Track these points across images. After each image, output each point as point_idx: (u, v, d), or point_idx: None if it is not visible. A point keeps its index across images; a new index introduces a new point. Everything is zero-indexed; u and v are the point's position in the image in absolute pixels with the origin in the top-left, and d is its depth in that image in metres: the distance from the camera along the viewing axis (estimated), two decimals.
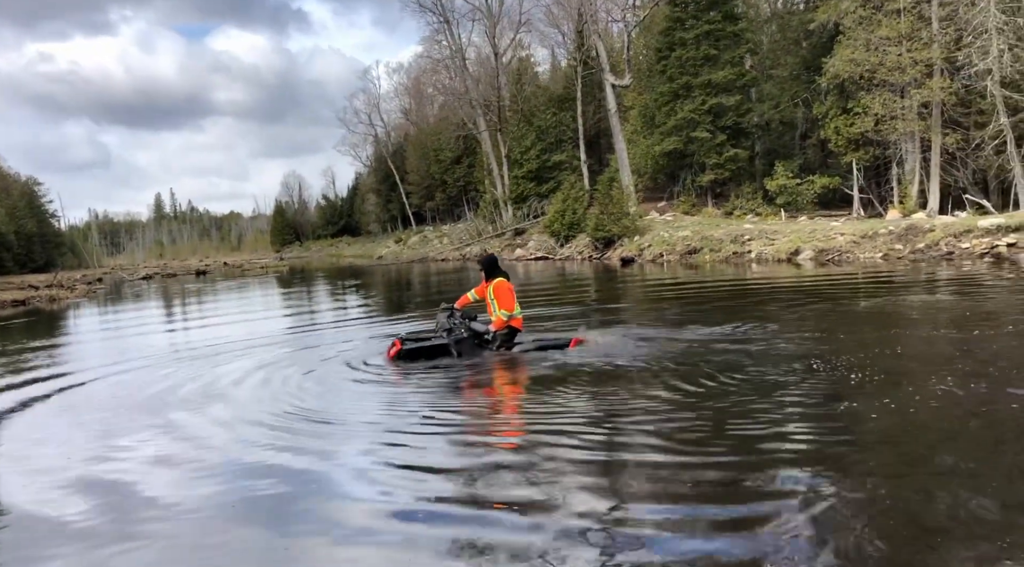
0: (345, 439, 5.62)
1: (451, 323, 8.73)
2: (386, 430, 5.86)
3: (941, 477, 4.00)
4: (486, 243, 46.43)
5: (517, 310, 8.92)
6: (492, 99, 49.50)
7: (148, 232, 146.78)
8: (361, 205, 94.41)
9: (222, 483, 4.73)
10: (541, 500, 4.00)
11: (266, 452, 5.29)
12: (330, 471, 4.84)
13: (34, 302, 34.43)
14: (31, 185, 73.66)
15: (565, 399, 6.39)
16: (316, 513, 4.10)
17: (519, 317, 9.02)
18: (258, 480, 4.73)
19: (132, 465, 5.27)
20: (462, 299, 9.27)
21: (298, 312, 19.36)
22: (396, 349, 8.51)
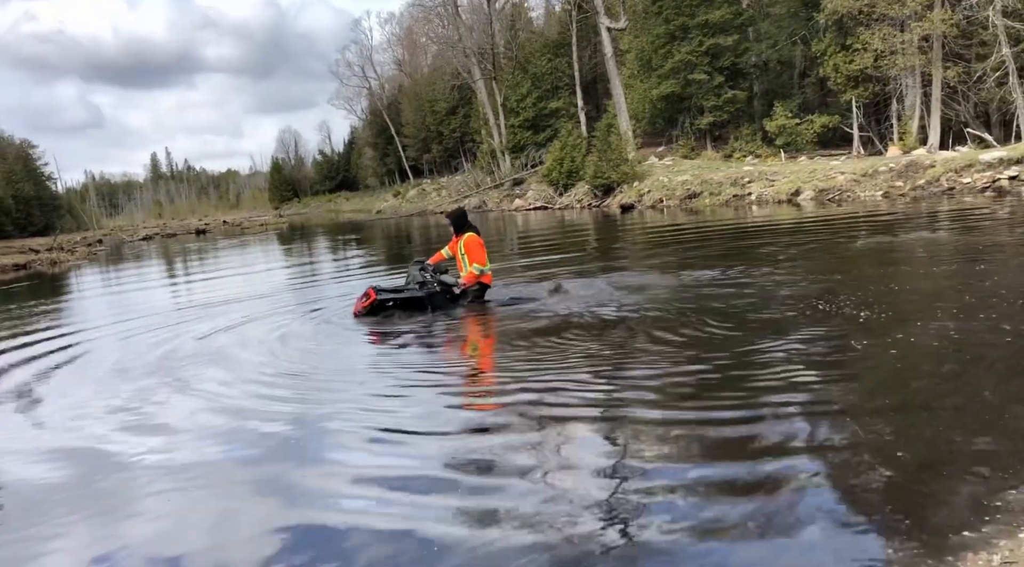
0: (338, 401, 5.44)
1: (423, 276, 8.54)
2: (375, 394, 5.58)
3: (946, 413, 4.02)
4: (484, 194, 46.18)
5: (488, 266, 8.76)
6: (486, 47, 48.71)
7: (146, 192, 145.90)
8: (358, 159, 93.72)
9: (215, 445, 4.75)
10: (542, 464, 3.79)
11: (261, 412, 5.28)
12: (315, 435, 4.74)
13: (35, 266, 34.44)
14: (26, 148, 72.93)
15: (554, 354, 6.14)
16: (307, 478, 4.04)
17: (488, 273, 8.85)
18: (253, 441, 4.78)
19: (130, 426, 5.29)
20: (435, 256, 9.03)
21: (299, 267, 19.38)
22: (370, 300, 8.32)
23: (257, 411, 5.29)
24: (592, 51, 45.61)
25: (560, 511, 3.21)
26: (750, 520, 3.02)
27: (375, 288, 8.47)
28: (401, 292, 8.47)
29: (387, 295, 8.42)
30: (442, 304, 8.47)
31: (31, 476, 4.49)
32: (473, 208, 44.16)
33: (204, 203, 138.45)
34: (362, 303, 8.41)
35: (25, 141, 74.57)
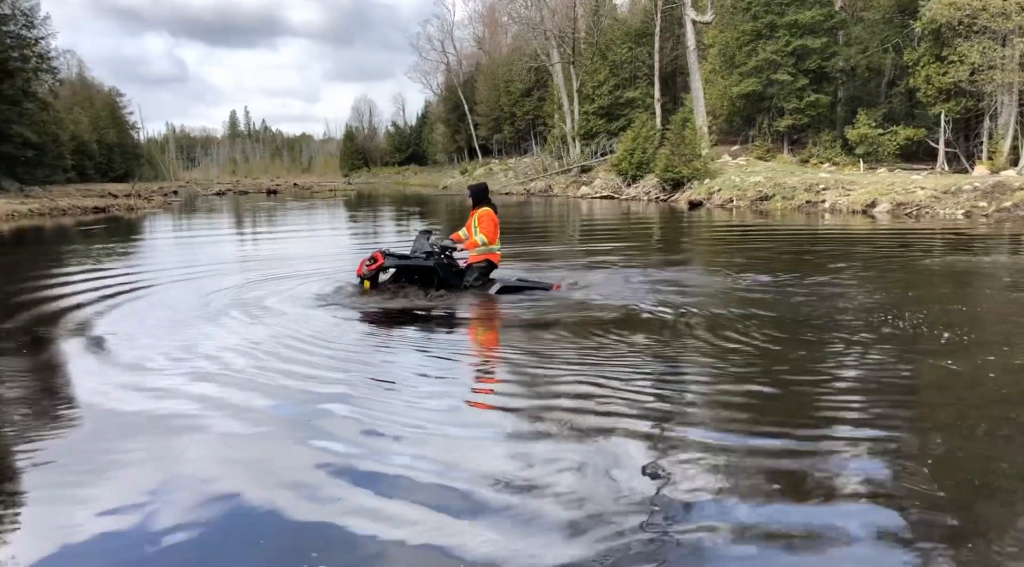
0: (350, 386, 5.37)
1: (430, 247, 8.36)
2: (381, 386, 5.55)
3: (1009, 441, 3.88)
4: (551, 179, 46.05)
5: (498, 245, 8.59)
6: (567, 30, 48.34)
7: (222, 149, 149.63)
8: (429, 134, 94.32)
9: (256, 400, 4.88)
10: (571, 486, 3.39)
11: (303, 375, 5.42)
12: (309, 419, 4.46)
13: (113, 210, 35.74)
14: (113, 96, 75.45)
15: (589, 353, 5.75)
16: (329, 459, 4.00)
17: (497, 252, 8.63)
18: (297, 397, 4.88)
19: (180, 370, 5.49)
20: (453, 235, 8.76)
21: (363, 233, 19.68)
22: (377, 264, 8.10)
23: (298, 375, 5.41)
24: (674, 43, 44.86)
25: (590, 552, 2.84)
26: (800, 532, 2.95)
27: (383, 252, 8.29)
28: (408, 260, 8.28)
29: (394, 261, 8.24)
30: (448, 277, 8.34)
31: (96, 408, 4.67)
32: (539, 192, 44.15)
33: (277, 164, 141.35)
34: (368, 266, 8.18)
35: (113, 89, 77.13)
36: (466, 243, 8.48)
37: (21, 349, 6.24)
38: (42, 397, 4.96)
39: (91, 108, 66.07)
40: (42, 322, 7.28)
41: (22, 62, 40.40)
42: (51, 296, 8.96)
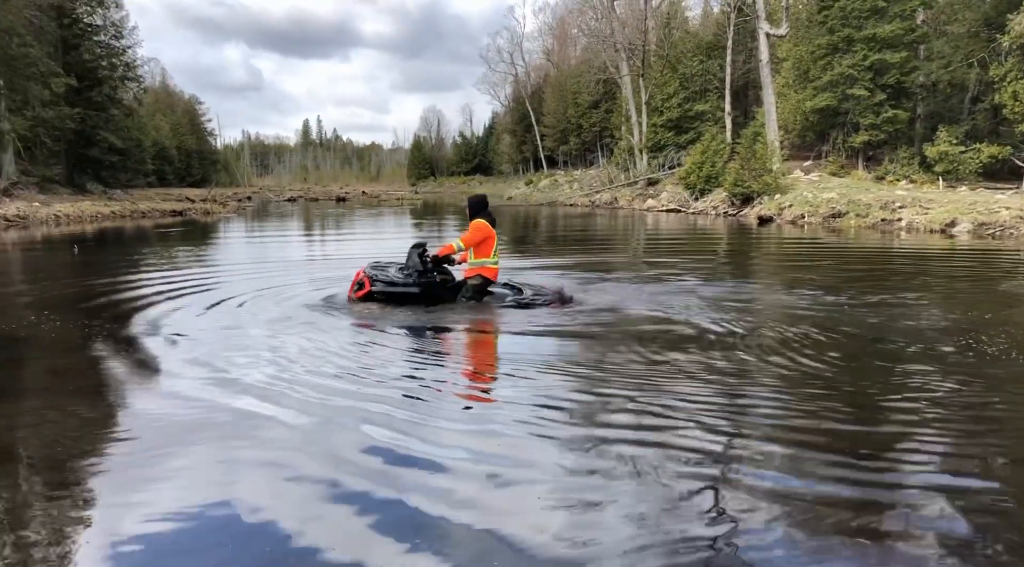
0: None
1: (422, 264, 8.17)
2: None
3: None
4: (617, 191, 45.82)
5: (492, 259, 8.34)
6: (637, 43, 48.12)
7: (295, 157, 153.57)
8: (496, 145, 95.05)
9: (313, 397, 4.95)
10: (631, 515, 3.11)
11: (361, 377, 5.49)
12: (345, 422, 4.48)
13: (190, 214, 36.99)
14: (193, 103, 78.34)
15: (634, 372, 5.45)
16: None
17: (492, 265, 8.36)
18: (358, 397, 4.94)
19: (243, 369, 5.61)
20: (445, 248, 8.40)
21: (425, 239, 19.90)
22: (364, 291, 8.11)
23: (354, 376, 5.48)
24: (747, 56, 44.24)
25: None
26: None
27: (371, 278, 8.17)
28: (395, 286, 8.11)
29: (381, 287, 8.10)
30: (442, 295, 8.22)
31: (159, 403, 4.82)
32: (604, 204, 43.97)
33: (346, 172, 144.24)
34: (356, 293, 8.19)
35: (193, 97, 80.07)
36: (441, 249, 8.29)
37: (94, 344, 6.46)
38: (110, 393, 5.12)
39: (172, 115, 68.74)
40: (117, 319, 7.55)
41: (110, 70, 42.25)
42: (126, 294, 9.30)
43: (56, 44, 37.58)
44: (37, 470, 3.64)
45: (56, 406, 4.74)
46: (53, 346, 6.42)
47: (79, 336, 6.74)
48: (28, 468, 3.68)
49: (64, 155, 40.16)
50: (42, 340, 6.63)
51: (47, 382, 5.50)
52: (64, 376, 5.60)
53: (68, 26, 39.34)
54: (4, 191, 31.76)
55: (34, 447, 3.99)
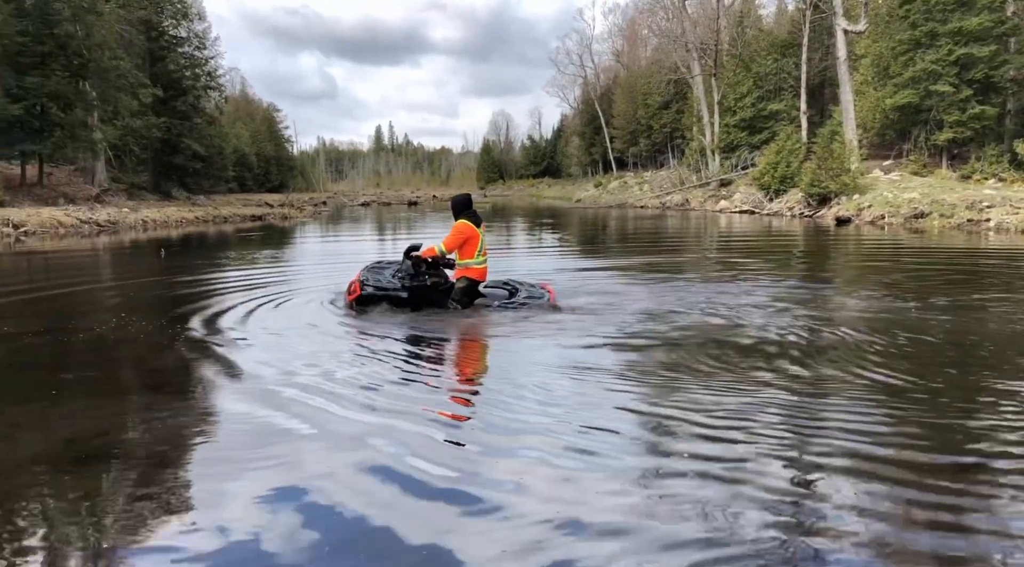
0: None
1: (414, 267, 8.11)
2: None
3: None
4: (688, 192, 45.25)
5: (478, 258, 8.15)
6: (709, 42, 47.43)
7: (367, 162, 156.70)
8: (564, 147, 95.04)
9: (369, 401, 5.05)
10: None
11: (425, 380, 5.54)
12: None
13: (268, 218, 38.12)
14: (271, 111, 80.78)
15: (705, 379, 5.21)
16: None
17: (477, 267, 8.17)
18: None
19: (328, 374, 5.75)
20: (427, 250, 8.31)
21: (495, 242, 20.04)
22: (355, 295, 8.14)
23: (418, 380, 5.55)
24: (823, 53, 43.09)
25: None
26: None
27: (361, 282, 8.20)
28: (385, 290, 8.10)
29: (370, 291, 8.11)
30: (433, 298, 8.11)
31: (234, 403, 5.00)
32: (675, 205, 43.47)
33: (417, 177, 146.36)
34: (349, 297, 8.28)
35: (271, 105, 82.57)
36: (424, 251, 8.13)
37: (179, 344, 6.72)
38: (194, 393, 5.31)
39: (251, 123, 70.97)
40: (201, 319, 7.83)
41: (194, 80, 43.99)
42: (210, 296, 9.64)
43: (144, 56, 39.29)
44: (125, 464, 3.82)
45: (144, 405, 4.97)
46: (141, 346, 6.72)
47: (165, 336, 7.04)
48: (116, 462, 3.87)
49: (151, 162, 41.95)
50: (131, 340, 6.93)
51: (135, 381, 5.76)
52: (151, 375, 5.86)
53: (155, 39, 41.11)
54: (96, 197, 33.34)
55: (123, 443, 4.18)
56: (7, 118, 27.58)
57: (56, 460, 3.82)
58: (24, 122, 29.02)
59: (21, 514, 3.18)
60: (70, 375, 5.77)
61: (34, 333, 7.32)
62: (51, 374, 5.82)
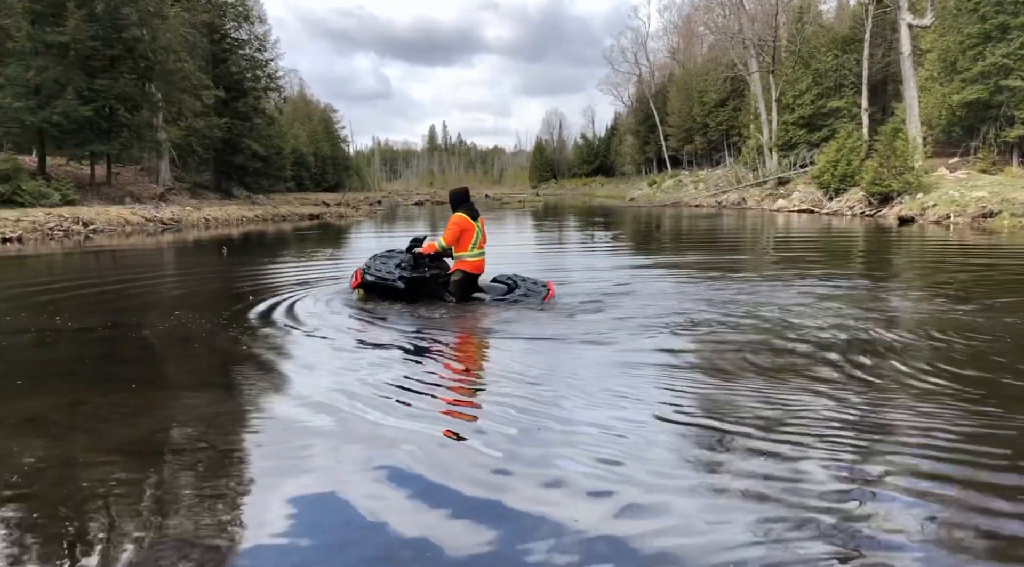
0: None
1: (415, 259, 8.37)
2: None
3: None
4: (745, 191, 44.57)
5: (473, 251, 8.29)
6: (767, 39, 46.63)
7: (421, 161, 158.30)
8: (618, 146, 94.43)
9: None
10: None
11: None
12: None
13: (325, 217, 38.77)
14: (328, 112, 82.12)
15: (764, 384, 4.98)
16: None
17: (471, 259, 8.32)
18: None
19: (378, 380, 5.83)
20: (428, 246, 8.68)
21: (547, 240, 20.03)
22: (356, 282, 8.63)
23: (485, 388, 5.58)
24: (886, 49, 41.97)
25: None
26: None
27: (363, 270, 8.63)
28: (383, 280, 8.41)
29: (370, 280, 8.52)
30: (431, 290, 8.36)
31: (291, 406, 5.09)
32: (731, 204, 42.86)
33: (470, 176, 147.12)
34: (352, 284, 8.78)
35: (328, 106, 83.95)
36: (425, 247, 8.37)
37: (240, 340, 6.87)
38: (252, 388, 5.40)
39: (309, 123, 72.25)
40: (260, 315, 7.99)
41: (254, 82, 44.96)
42: (270, 292, 9.83)
43: (207, 58, 40.32)
44: (185, 458, 3.93)
45: (205, 400, 5.11)
46: (202, 341, 6.90)
47: (230, 332, 7.22)
48: (176, 455, 3.99)
49: (212, 162, 43.04)
50: (194, 336, 7.12)
51: (195, 375, 5.91)
52: (210, 370, 6.02)
53: (218, 41, 42.14)
54: (161, 196, 34.35)
55: (183, 437, 4.29)
56: (78, 120, 28.58)
57: (141, 451, 3.94)
58: (94, 123, 30.02)
59: (111, 505, 3.30)
60: (149, 369, 5.99)
61: (106, 326, 7.58)
62: (130, 367, 6.02)
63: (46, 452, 3.88)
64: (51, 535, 2.95)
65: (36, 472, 3.59)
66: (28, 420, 4.45)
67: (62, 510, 3.18)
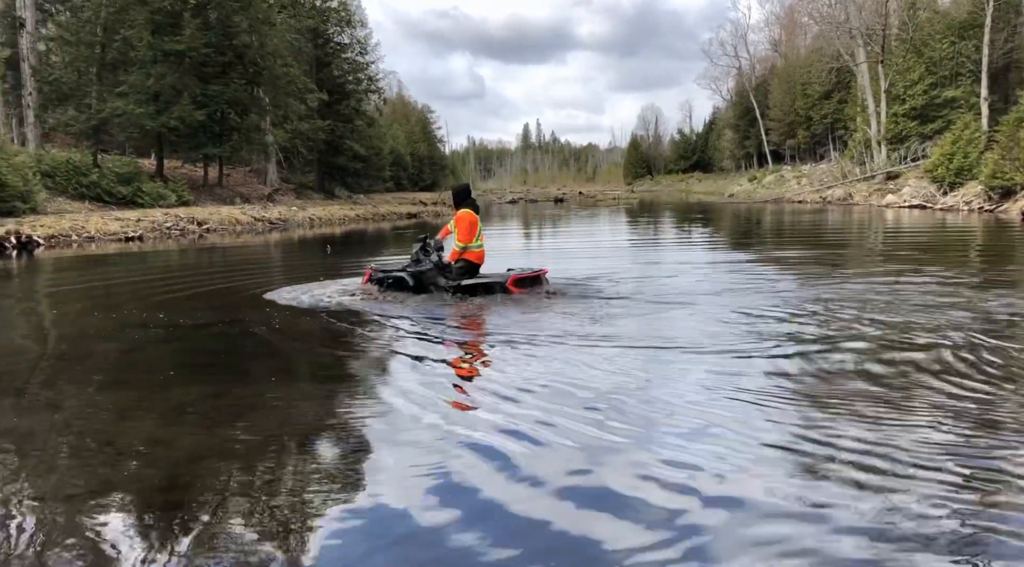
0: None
1: (419, 255, 8.87)
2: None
3: None
4: (851, 186, 42.82)
5: (475, 243, 8.84)
6: (876, 27, 44.58)
7: (515, 160, 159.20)
8: (716, 141, 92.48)
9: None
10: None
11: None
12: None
13: (422, 216, 39.54)
14: (425, 112, 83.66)
15: (870, 395, 4.57)
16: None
17: (475, 250, 8.90)
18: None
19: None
20: (442, 232, 9.30)
21: (640, 238, 19.80)
22: (366, 278, 9.21)
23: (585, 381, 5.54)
24: (1009, 33, 39.43)
25: None
26: None
27: (372, 268, 9.29)
28: (390, 273, 8.94)
29: (379, 275, 9.04)
30: (434, 280, 8.73)
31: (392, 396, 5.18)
32: (837, 200, 41.27)
33: (564, 174, 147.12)
34: (363, 281, 9.32)
35: (425, 106, 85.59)
36: (450, 254, 8.90)
37: (342, 336, 7.08)
38: (352, 381, 5.53)
39: (406, 124, 73.82)
40: (357, 312, 8.23)
41: (356, 84, 46.28)
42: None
43: (311, 63, 41.77)
44: (287, 447, 4.07)
45: (304, 393, 5.28)
46: (306, 337, 7.18)
47: (337, 326, 7.47)
48: (279, 444, 4.15)
49: (316, 163, 44.56)
50: (297, 331, 7.40)
51: (294, 369, 6.11)
52: (311, 364, 6.22)
53: (321, 46, 43.61)
54: (268, 196, 35.82)
55: (290, 427, 4.43)
56: (193, 124, 30.11)
57: (285, 442, 4.11)
58: (207, 127, 31.57)
59: (263, 491, 3.47)
60: (277, 362, 6.26)
61: (226, 322, 7.96)
62: (262, 361, 6.31)
63: (200, 441, 4.08)
64: (206, 523, 3.10)
65: (195, 460, 3.78)
66: (176, 409, 4.68)
67: (219, 497, 3.35)
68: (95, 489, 3.38)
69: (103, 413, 4.64)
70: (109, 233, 21.32)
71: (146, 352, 6.65)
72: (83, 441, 4.09)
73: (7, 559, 2.71)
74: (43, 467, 3.68)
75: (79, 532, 2.95)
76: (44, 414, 4.63)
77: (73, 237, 20.06)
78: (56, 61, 31.39)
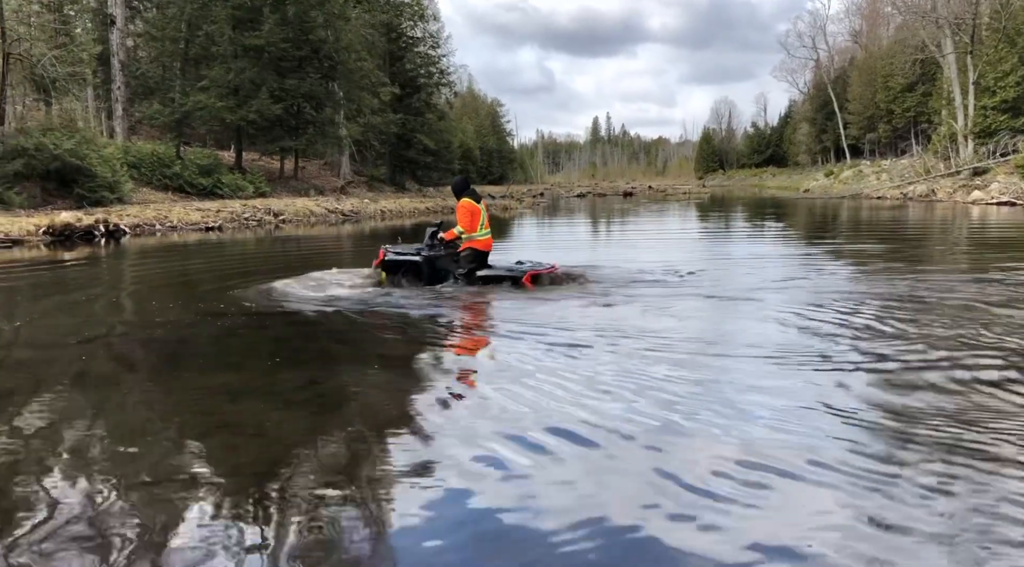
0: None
1: (431, 242, 9.27)
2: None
3: None
4: (935, 182, 41.16)
5: (480, 232, 9.19)
6: (966, 16, 42.69)
7: (583, 153, 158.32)
8: (792, 135, 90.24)
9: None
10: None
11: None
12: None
13: (490, 209, 39.63)
14: (495, 106, 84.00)
15: (949, 402, 4.41)
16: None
17: (481, 238, 9.24)
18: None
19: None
20: (448, 233, 9.45)
21: (711, 234, 19.44)
22: (379, 259, 9.44)
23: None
24: None
25: None
26: None
27: (386, 248, 9.52)
28: (404, 255, 9.33)
29: (392, 257, 9.38)
30: (446, 265, 9.22)
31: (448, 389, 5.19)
32: (919, 196, 39.77)
33: (633, 168, 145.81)
34: (374, 263, 9.57)
35: (495, 100, 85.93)
36: (446, 234, 9.26)
37: (408, 326, 7.17)
38: (418, 369, 5.57)
39: (476, 117, 74.31)
40: (423, 307, 8.31)
41: (427, 78, 46.74)
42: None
43: (384, 57, 42.37)
44: (358, 428, 4.13)
45: (372, 383, 5.34)
46: (374, 327, 7.28)
47: (407, 317, 7.57)
48: (349, 424, 4.21)
49: (387, 157, 45.20)
50: (366, 322, 7.51)
51: (365, 357, 6.13)
52: (379, 353, 6.29)
53: (394, 40, 44.18)
54: (341, 189, 36.54)
55: (356, 411, 4.55)
56: (270, 117, 30.91)
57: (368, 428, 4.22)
58: (283, 121, 32.38)
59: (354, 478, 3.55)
60: (361, 350, 6.39)
61: (309, 311, 8.15)
62: (345, 347, 6.46)
63: (302, 425, 4.22)
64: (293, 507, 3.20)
65: (303, 443, 3.90)
66: (275, 394, 4.82)
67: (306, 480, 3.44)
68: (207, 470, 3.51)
69: (217, 396, 4.83)
70: (190, 223, 22.08)
71: (242, 337, 6.89)
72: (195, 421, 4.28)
73: (130, 537, 2.83)
74: (161, 449, 3.84)
75: (206, 513, 3.04)
76: (156, 396, 4.89)
77: (157, 226, 20.84)
78: (143, 56, 32.66)
